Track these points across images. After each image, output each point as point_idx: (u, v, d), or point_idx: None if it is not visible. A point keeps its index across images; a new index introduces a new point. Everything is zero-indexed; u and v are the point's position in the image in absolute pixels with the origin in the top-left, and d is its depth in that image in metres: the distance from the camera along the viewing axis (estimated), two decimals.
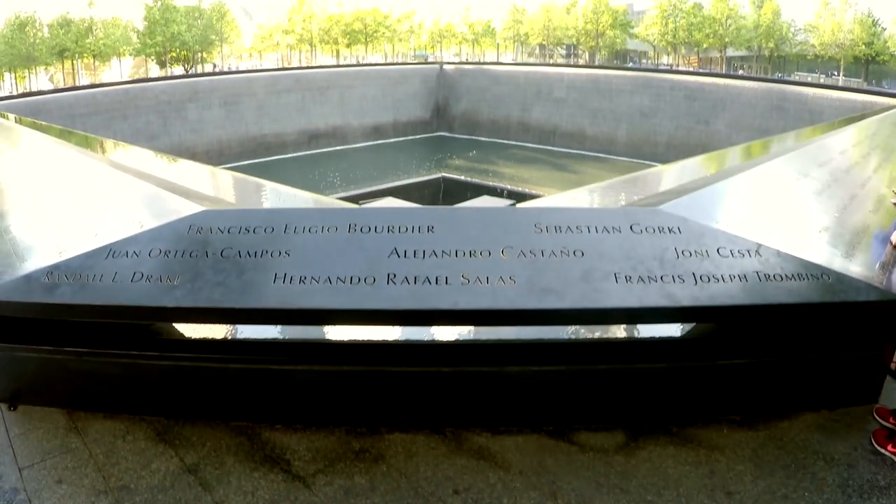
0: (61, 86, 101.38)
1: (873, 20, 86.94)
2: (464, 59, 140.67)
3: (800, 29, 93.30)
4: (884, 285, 4.35)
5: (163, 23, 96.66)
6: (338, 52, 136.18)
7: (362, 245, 4.08)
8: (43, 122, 20.80)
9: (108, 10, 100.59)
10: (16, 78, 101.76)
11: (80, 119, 53.62)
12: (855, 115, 21.20)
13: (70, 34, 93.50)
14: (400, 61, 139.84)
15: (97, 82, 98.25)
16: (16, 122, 20.13)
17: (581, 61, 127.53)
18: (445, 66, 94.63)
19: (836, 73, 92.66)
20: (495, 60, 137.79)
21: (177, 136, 62.74)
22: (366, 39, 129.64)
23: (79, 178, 7.35)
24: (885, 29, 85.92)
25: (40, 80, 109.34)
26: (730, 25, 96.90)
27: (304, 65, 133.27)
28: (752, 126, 56.60)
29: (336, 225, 4.19)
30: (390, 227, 4.16)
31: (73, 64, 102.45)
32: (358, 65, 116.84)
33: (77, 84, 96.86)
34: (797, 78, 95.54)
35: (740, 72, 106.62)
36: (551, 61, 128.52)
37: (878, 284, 4.34)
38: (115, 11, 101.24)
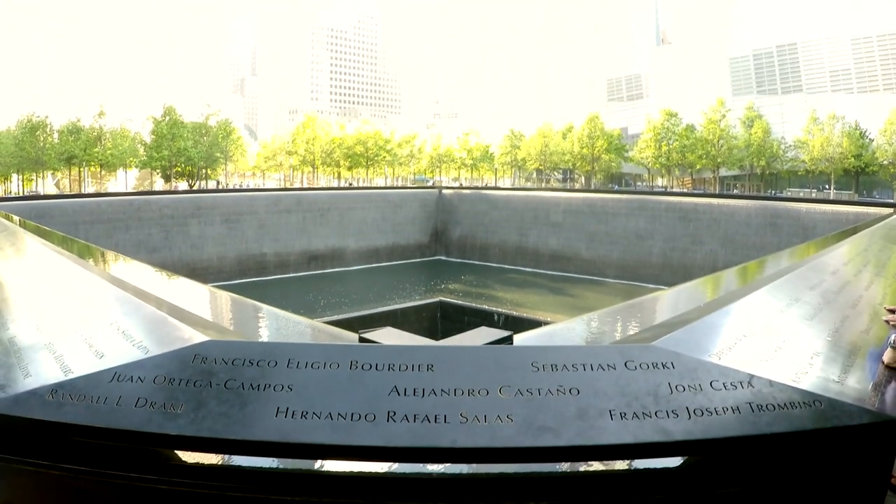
0: (67, 192, 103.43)
1: (861, 132, 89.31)
2: (462, 184, 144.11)
3: (790, 146, 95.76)
4: (876, 407, 4.39)
5: (170, 137, 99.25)
6: (339, 174, 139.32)
7: (363, 382, 4.16)
8: (46, 227, 21.03)
9: (119, 117, 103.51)
10: (23, 180, 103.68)
11: (83, 226, 54.40)
12: (847, 229, 21.51)
13: (79, 142, 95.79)
14: (400, 185, 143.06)
15: (102, 191, 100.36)
16: (20, 224, 20.43)
17: (577, 185, 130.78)
18: (444, 191, 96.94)
19: (827, 187, 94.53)
20: (493, 185, 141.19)
21: (178, 251, 63.36)
22: (367, 163, 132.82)
23: (84, 294, 7.42)
24: (872, 140, 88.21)
25: (47, 183, 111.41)
26: (722, 146, 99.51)
27: (305, 186, 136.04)
28: (746, 244, 57.37)
29: (338, 361, 4.29)
30: (391, 366, 4.25)
31: (79, 171, 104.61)
32: (359, 188, 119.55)
33: (82, 191, 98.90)
34: (789, 194, 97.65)
35: (734, 191, 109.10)
36: (548, 186, 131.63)
37: (871, 406, 4.39)
38: (125, 116, 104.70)
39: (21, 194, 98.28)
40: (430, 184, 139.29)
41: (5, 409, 4.33)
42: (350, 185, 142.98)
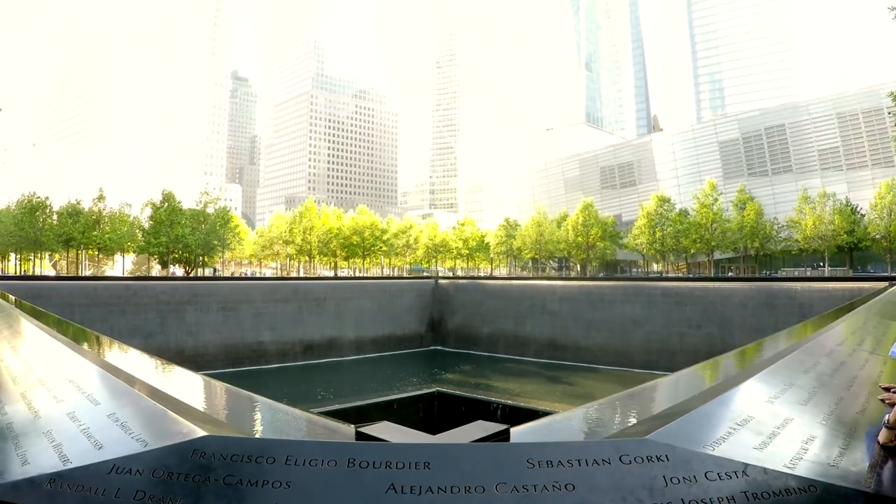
0: (64, 273, 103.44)
1: (852, 208, 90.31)
2: (458, 273, 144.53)
3: (783, 226, 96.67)
4: (872, 488, 4.39)
5: (168, 224, 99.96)
6: (336, 264, 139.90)
7: (361, 480, 4.17)
8: (41, 309, 21.00)
9: (119, 198, 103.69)
10: (21, 260, 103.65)
11: (78, 309, 54.16)
12: (843, 306, 21.56)
13: (78, 225, 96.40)
14: (396, 275, 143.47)
15: (99, 274, 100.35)
16: (15, 304, 20.39)
17: (573, 273, 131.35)
18: (440, 281, 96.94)
19: (822, 264, 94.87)
20: (489, 274, 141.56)
21: (173, 337, 62.94)
22: (363, 253, 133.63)
23: (82, 381, 7.42)
24: (863, 215, 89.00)
25: (44, 264, 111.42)
26: (715, 230, 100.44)
27: (302, 275, 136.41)
28: (744, 326, 57.16)
29: (335, 459, 4.31)
30: (388, 463, 4.28)
31: (77, 253, 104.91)
32: (355, 278, 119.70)
33: (79, 273, 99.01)
34: (784, 273, 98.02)
35: (729, 273, 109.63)
36: (543, 274, 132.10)
37: (867, 488, 4.39)
38: (124, 198, 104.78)
39: (19, 273, 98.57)
40: (426, 273, 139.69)
41: (2, 496, 4.31)
42: (349, 275, 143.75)
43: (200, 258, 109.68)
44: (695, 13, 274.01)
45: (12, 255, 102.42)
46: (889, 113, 72.96)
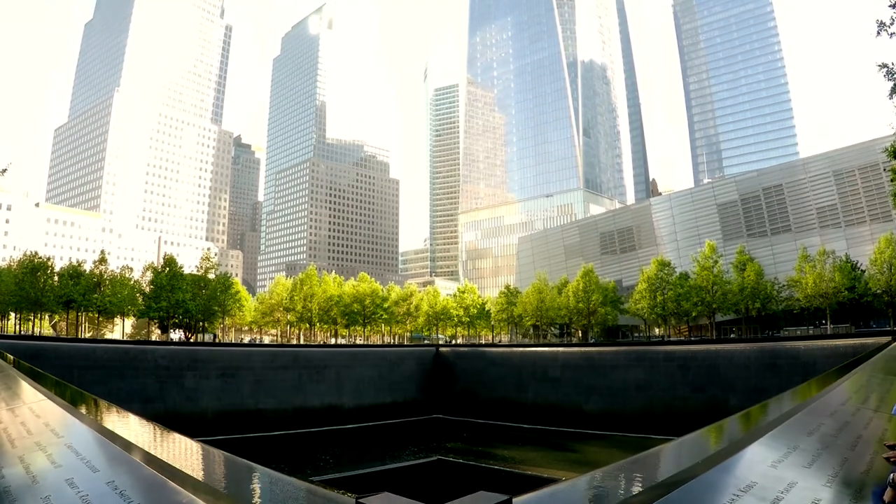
0: (64, 335, 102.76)
1: (852, 265, 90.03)
2: (460, 341, 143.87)
3: (783, 286, 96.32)
4: None
5: (169, 289, 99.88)
6: (336, 331, 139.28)
7: None
8: (39, 369, 20.88)
9: (120, 261, 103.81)
10: (20, 319, 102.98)
11: (77, 371, 53.70)
12: (848, 362, 21.46)
13: (79, 287, 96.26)
14: (397, 343, 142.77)
15: (99, 337, 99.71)
16: (13, 364, 20.25)
17: (574, 339, 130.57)
18: (441, 349, 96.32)
19: (824, 322, 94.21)
20: (490, 342, 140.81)
21: (172, 402, 62.37)
22: (364, 321, 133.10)
23: (81, 447, 7.37)
24: (863, 271, 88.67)
25: (45, 324, 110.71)
26: (716, 292, 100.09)
27: (302, 342, 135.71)
28: (747, 387, 56.68)
29: None
30: None
31: (77, 315, 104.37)
32: (355, 345, 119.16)
33: (79, 335, 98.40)
34: (787, 332, 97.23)
35: (731, 335, 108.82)
36: (545, 341, 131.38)
37: None
38: (126, 262, 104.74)
39: (18, 333, 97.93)
40: (426, 341, 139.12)
41: None
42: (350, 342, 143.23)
43: (201, 324, 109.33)
44: (690, 77, 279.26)
45: (12, 315, 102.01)
46: (885, 169, 73.45)
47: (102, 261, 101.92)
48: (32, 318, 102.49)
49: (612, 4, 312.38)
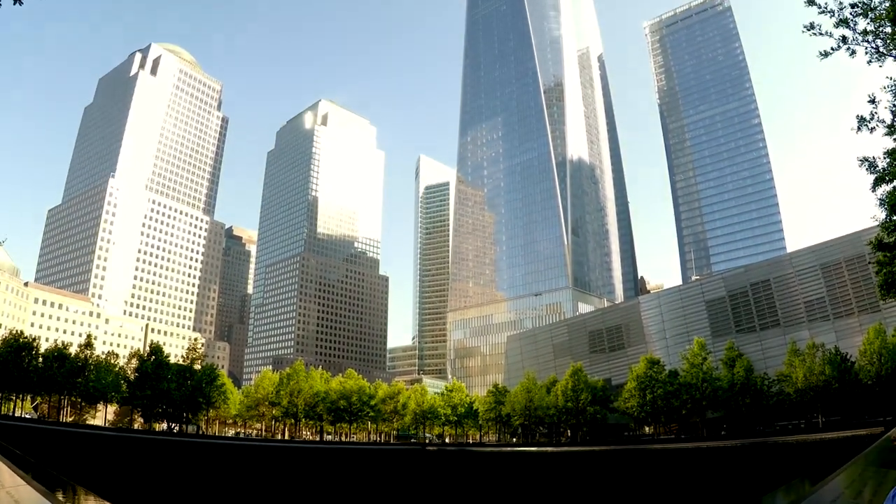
0: (45, 417, 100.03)
1: (841, 356, 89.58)
2: (447, 440, 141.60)
3: (773, 380, 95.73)
4: None
5: (154, 377, 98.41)
6: (322, 428, 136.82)
7: None
8: (18, 451, 20.52)
9: (106, 346, 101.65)
10: (1, 399, 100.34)
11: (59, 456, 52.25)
12: (841, 456, 21.33)
13: (63, 370, 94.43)
14: (383, 441, 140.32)
15: (80, 422, 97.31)
16: None
17: (563, 439, 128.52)
18: (428, 447, 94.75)
19: (815, 415, 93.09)
20: (478, 441, 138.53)
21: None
22: (350, 418, 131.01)
23: None
24: (853, 363, 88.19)
25: (26, 405, 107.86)
26: (706, 389, 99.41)
27: (287, 437, 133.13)
28: (739, 485, 55.83)
29: None
30: None
31: (60, 399, 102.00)
32: (341, 443, 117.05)
33: (60, 419, 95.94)
34: (778, 427, 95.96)
35: (722, 432, 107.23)
36: (534, 441, 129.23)
37: None
38: (112, 347, 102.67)
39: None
40: (413, 440, 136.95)
41: None
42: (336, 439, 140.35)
43: (185, 414, 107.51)
44: (677, 175, 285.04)
45: None
46: (870, 261, 74.56)
47: (88, 345, 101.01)
48: (14, 398, 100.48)
49: (600, 104, 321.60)
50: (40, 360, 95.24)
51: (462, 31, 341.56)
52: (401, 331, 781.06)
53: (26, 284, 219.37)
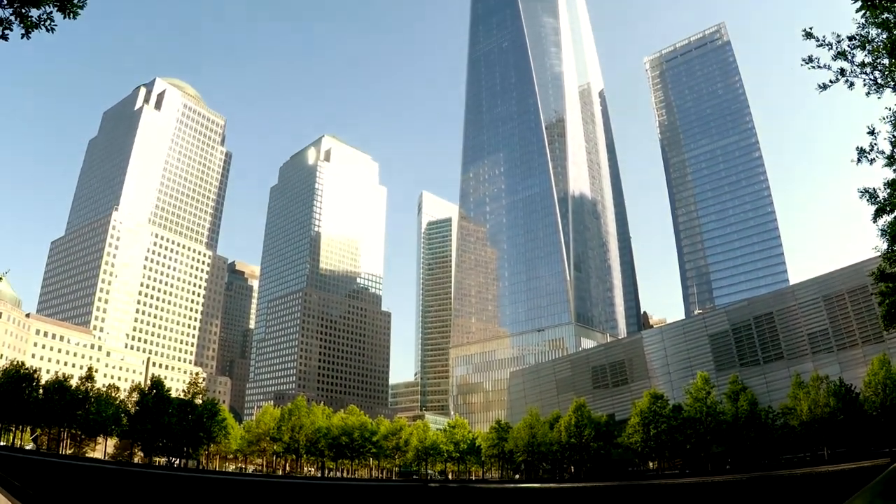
0: (45, 449, 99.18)
1: (846, 388, 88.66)
2: (449, 476, 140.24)
3: (778, 413, 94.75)
4: None
5: (154, 411, 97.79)
6: (323, 463, 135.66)
7: None
8: (17, 483, 20.40)
9: (107, 379, 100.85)
10: (1, 430, 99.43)
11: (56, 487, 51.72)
12: (846, 489, 21.17)
13: (64, 402, 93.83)
14: (385, 477, 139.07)
15: (81, 455, 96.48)
16: None
17: (567, 475, 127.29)
18: (430, 484, 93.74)
19: (821, 447, 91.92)
20: (481, 478, 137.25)
21: None
22: (351, 454, 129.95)
23: None
24: (858, 394, 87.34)
25: (26, 437, 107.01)
26: (710, 423, 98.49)
27: (288, 472, 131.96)
28: None
29: None
30: None
31: (59, 431, 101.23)
32: (343, 479, 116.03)
33: (60, 451, 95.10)
34: (784, 461, 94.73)
35: (727, 466, 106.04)
36: (537, 477, 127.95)
37: None
38: (113, 380, 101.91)
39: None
40: (415, 476, 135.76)
41: None
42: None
43: (186, 449, 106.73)
44: (679, 209, 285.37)
45: None
46: (872, 293, 74.06)
47: (89, 377, 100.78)
48: (14, 429, 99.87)
49: (601, 139, 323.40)
50: (41, 391, 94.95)
51: (464, 68, 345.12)
52: (403, 366, 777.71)
53: (28, 315, 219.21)
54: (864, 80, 22.75)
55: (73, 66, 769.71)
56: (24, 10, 13.71)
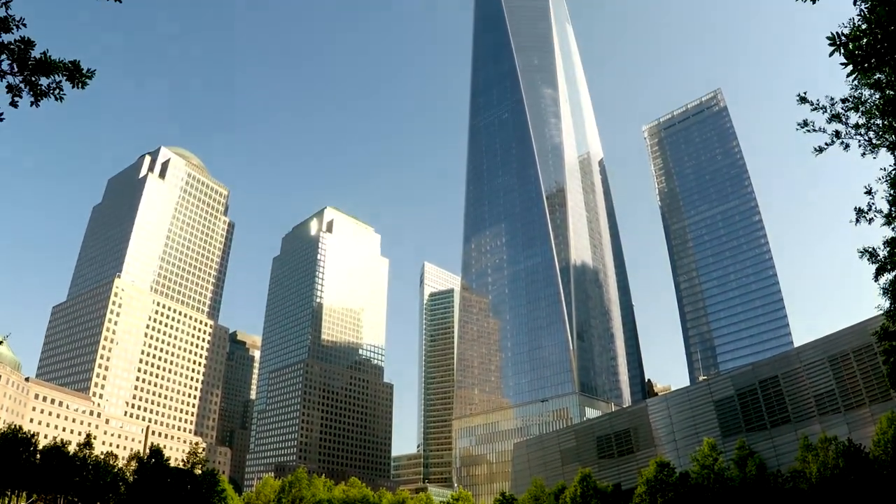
0: None
1: (855, 447, 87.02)
2: None
3: (787, 477, 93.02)
4: None
5: (153, 481, 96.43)
6: None
7: None
8: None
9: (105, 446, 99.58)
10: None
11: None
12: None
13: (62, 468, 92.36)
14: None
15: None
16: None
17: None
18: None
19: None
20: None
21: None
22: None
23: None
24: (867, 453, 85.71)
25: (21, 502, 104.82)
26: (718, 490, 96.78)
27: None
28: None
29: None
30: None
31: (55, 498, 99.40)
32: None
33: None
34: None
35: None
36: None
37: None
38: (111, 448, 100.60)
39: None
40: None
41: None
42: None
43: None
44: (680, 276, 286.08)
45: None
46: (877, 351, 73.86)
47: (88, 444, 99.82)
48: (9, 494, 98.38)
49: (602, 208, 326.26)
50: (38, 456, 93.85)
51: (465, 139, 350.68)
52: (406, 438, 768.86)
53: (27, 380, 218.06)
54: (859, 140, 23.22)
55: (80, 133, 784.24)
56: (34, 79, 14.03)
